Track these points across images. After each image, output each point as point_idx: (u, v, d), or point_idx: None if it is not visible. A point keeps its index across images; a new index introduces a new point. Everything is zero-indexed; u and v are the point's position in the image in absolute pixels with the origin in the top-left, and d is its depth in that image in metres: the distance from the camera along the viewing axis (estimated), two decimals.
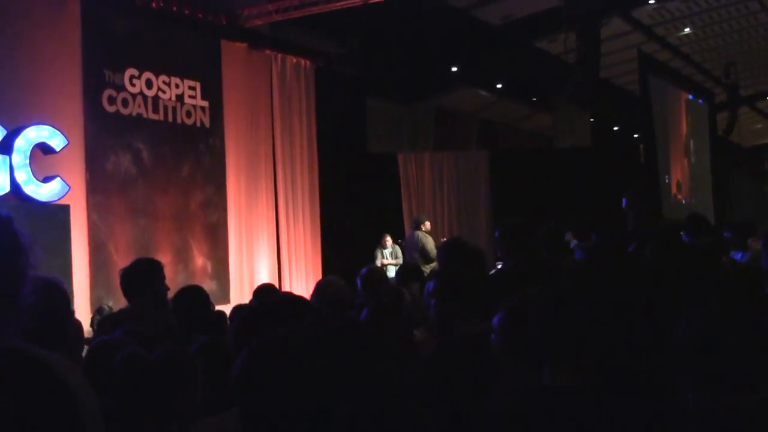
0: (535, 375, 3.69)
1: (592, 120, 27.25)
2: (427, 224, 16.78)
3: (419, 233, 16.32)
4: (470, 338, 4.77)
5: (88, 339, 6.84)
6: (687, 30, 26.54)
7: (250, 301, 8.08)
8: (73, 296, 10.82)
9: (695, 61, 29.50)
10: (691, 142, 24.18)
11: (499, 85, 26.85)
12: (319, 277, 16.44)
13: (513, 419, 3.32)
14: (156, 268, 6.80)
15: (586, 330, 3.40)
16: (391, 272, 15.42)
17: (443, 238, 17.46)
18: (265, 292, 7.75)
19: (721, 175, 26.28)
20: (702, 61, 29.78)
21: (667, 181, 21.31)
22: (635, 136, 26.73)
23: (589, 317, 3.43)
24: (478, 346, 4.49)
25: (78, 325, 6.78)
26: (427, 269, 13.60)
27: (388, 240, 18.00)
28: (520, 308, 4.00)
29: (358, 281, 7.35)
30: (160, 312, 6.51)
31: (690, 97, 24.62)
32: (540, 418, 3.25)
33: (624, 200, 6.35)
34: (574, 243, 13.35)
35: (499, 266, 7.72)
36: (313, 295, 6.96)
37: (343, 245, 17.68)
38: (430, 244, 16.04)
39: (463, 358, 4.62)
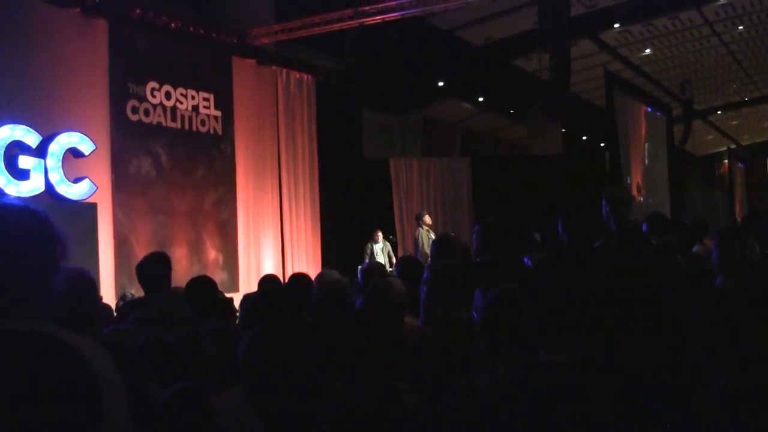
0: (515, 354, 3.73)
1: (563, 130, 27.28)
2: (427, 219, 16.81)
3: (420, 230, 16.43)
4: (451, 322, 4.80)
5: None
6: (648, 51, 26.64)
7: (257, 289, 8.09)
8: (99, 284, 10.81)
9: (655, 78, 29.60)
10: (647, 147, 24.21)
11: (480, 99, 26.90)
12: (319, 268, 16.46)
13: (517, 395, 3.35)
14: (160, 260, 6.84)
15: (576, 315, 3.45)
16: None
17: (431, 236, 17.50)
18: (268, 282, 7.77)
19: (677, 180, 26.33)
20: (661, 79, 29.89)
21: (628, 182, 21.34)
22: (602, 144, 26.76)
23: (578, 304, 3.47)
24: (458, 329, 4.52)
25: (107, 309, 6.81)
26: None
27: (379, 235, 17.98)
28: (502, 297, 4.02)
29: (359, 274, 7.37)
30: (170, 299, 6.54)
31: (649, 109, 24.65)
32: (541, 392, 3.29)
33: (603, 201, 6.34)
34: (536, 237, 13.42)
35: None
36: (314, 285, 7.00)
37: (340, 240, 17.69)
38: (424, 241, 16.15)
39: (444, 340, 4.64)
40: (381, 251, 17.74)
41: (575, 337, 3.45)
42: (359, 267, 7.99)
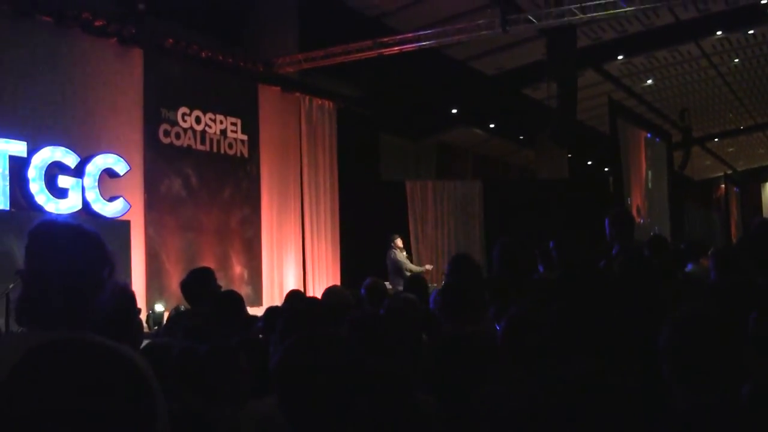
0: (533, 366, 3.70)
1: (569, 155, 27.22)
2: (399, 241, 16.49)
3: (393, 251, 16.19)
4: (460, 338, 4.74)
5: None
6: (649, 81, 26.61)
7: (282, 304, 8.06)
8: None
9: (655, 107, 29.54)
10: (650, 173, 24.15)
11: (491, 125, 26.87)
12: (338, 284, 16.44)
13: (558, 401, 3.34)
14: (206, 276, 6.83)
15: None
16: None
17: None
18: (294, 297, 7.76)
19: (676, 203, 26.25)
20: (661, 108, 29.82)
21: (628, 203, 21.27)
22: (605, 169, 26.69)
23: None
24: (467, 344, 4.46)
25: (139, 322, 6.80)
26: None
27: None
28: (523, 315, 3.99)
29: (362, 291, 7.30)
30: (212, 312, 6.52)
31: (648, 135, 24.60)
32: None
33: (607, 223, 6.32)
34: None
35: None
36: (323, 297, 6.95)
37: (359, 257, 17.64)
38: (404, 260, 15.96)
39: (451, 355, 4.58)
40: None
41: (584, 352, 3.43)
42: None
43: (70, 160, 12.53)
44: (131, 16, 13.92)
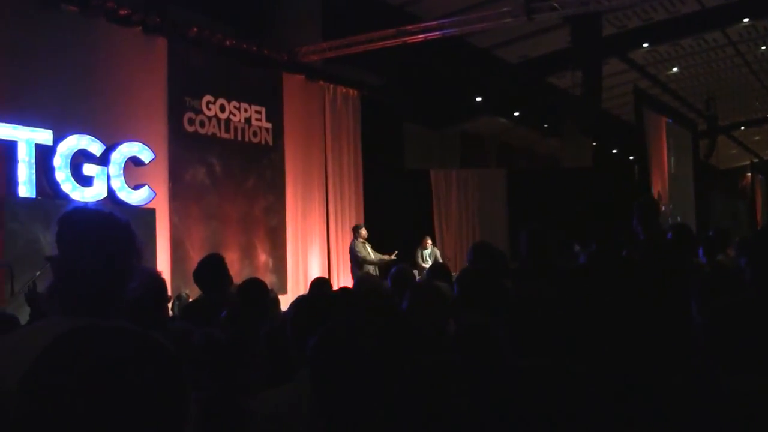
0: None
1: (594, 144, 27.12)
2: (363, 232, 16.06)
3: (354, 242, 15.78)
4: (473, 328, 4.71)
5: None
6: (675, 69, 26.41)
7: (308, 292, 8.07)
8: None
9: (681, 95, 29.36)
10: (672, 159, 24.02)
11: (515, 114, 26.78)
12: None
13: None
14: (213, 262, 6.82)
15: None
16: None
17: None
18: (320, 284, 7.78)
19: (701, 192, 26.12)
20: (686, 96, 29.63)
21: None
22: (630, 158, 26.56)
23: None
24: (477, 335, 4.42)
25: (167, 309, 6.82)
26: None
27: (428, 242, 17.97)
28: (526, 303, 3.96)
29: (388, 280, 7.29)
30: (225, 299, 6.52)
31: (669, 121, 24.48)
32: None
33: (634, 210, 6.31)
34: (577, 249, 13.33)
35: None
36: (355, 285, 6.95)
37: (383, 246, 17.67)
38: (361, 251, 15.61)
39: (464, 345, 4.55)
40: (429, 256, 17.68)
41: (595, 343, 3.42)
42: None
43: (96, 148, 12.59)
44: (155, 5, 13.98)
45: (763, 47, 25.11)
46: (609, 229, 7.38)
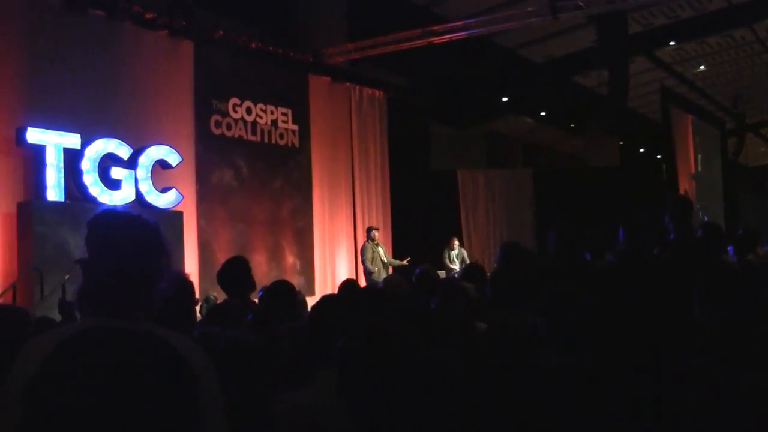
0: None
1: (620, 143, 26.99)
2: (374, 234, 15.79)
3: (366, 244, 15.75)
4: (507, 328, 4.69)
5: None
6: (702, 67, 26.23)
7: (337, 293, 8.07)
8: None
9: (708, 93, 29.16)
10: (699, 157, 23.86)
11: (541, 113, 26.69)
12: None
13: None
14: (238, 264, 6.82)
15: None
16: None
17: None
18: (349, 286, 7.77)
19: (730, 190, 25.93)
20: (714, 94, 29.41)
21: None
22: (658, 156, 26.40)
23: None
24: (512, 334, 4.40)
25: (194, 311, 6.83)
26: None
27: (455, 243, 17.93)
28: (565, 302, 3.94)
29: (414, 280, 7.27)
30: (250, 301, 6.54)
31: (695, 118, 24.32)
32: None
33: (665, 214, 6.27)
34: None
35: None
36: (382, 286, 6.95)
37: (410, 247, 17.63)
38: (367, 254, 15.48)
39: (497, 345, 4.54)
40: (456, 257, 17.65)
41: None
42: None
43: (123, 151, 12.65)
44: (181, 9, 14.02)
45: None
46: (638, 228, 7.33)
